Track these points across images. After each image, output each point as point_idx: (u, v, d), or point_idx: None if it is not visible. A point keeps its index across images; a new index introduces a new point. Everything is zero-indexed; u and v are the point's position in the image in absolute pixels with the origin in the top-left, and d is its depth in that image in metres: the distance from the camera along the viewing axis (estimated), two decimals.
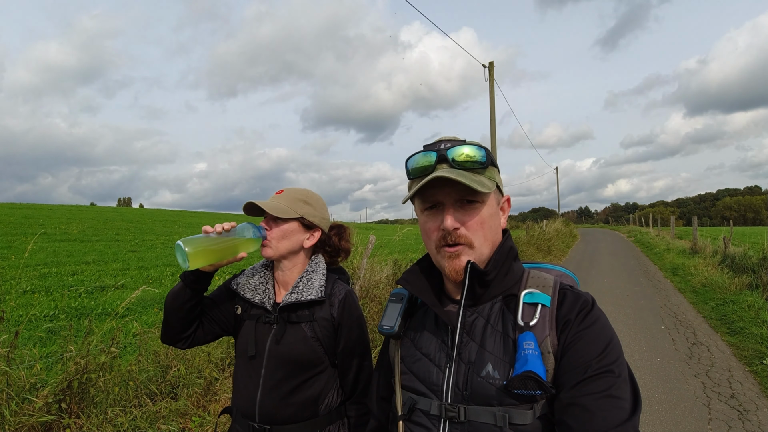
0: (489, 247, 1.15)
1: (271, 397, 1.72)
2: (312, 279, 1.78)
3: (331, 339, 1.78)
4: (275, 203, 1.77)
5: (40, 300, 8.35)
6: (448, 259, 1.13)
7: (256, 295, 1.79)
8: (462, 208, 1.13)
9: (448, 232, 1.12)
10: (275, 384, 1.72)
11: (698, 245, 16.34)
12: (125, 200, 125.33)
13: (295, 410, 1.73)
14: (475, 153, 1.12)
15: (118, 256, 15.21)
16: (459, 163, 1.12)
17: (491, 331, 1.11)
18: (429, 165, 1.14)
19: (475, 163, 1.12)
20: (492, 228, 1.16)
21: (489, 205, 1.15)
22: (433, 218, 1.16)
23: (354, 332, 1.80)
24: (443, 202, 1.14)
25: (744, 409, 4.48)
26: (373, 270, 7.82)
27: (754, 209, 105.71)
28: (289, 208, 1.77)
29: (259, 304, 1.78)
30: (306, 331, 1.74)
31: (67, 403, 3.47)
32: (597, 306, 1.10)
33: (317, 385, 1.75)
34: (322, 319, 1.76)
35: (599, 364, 0.99)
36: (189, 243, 1.54)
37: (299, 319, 1.75)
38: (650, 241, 23.87)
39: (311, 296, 1.74)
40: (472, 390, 1.07)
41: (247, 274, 1.87)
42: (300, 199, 1.82)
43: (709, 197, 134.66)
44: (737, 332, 6.96)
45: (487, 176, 1.14)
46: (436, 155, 1.13)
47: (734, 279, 10.00)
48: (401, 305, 1.29)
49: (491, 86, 18.17)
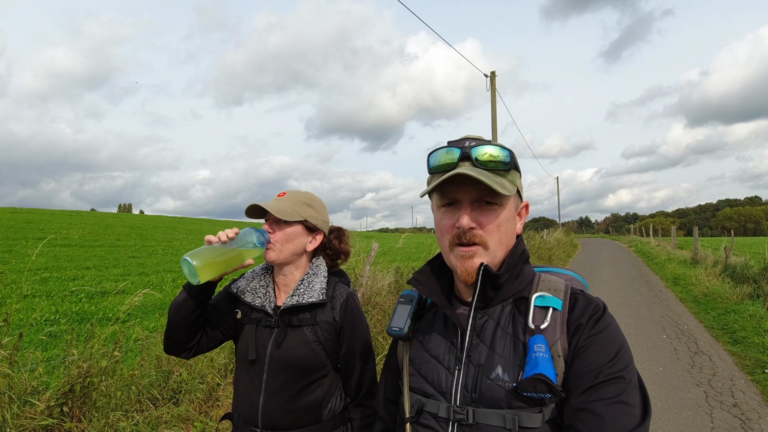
0: (503, 251, 1.14)
1: (273, 403, 1.70)
2: (313, 282, 1.77)
3: (334, 342, 1.76)
4: (279, 206, 1.75)
5: (41, 304, 8.34)
6: (461, 260, 1.12)
7: (256, 299, 1.77)
8: (480, 209, 1.12)
9: (463, 231, 1.10)
10: (277, 389, 1.70)
11: (699, 255, 16.31)
12: (126, 206, 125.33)
13: (298, 415, 1.70)
14: (499, 153, 1.11)
15: (118, 261, 15.20)
16: (482, 163, 1.10)
17: (501, 334, 1.11)
18: (452, 162, 1.12)
19: (498, 163, 1.11)
20: (508, 232, 1.15)
21: (507, 208, 1.14)
22: (449, 216, 1.14)
23: (357, 335, 1.78)
24: (461, 200, 1.12)
25: (746, 417, 4.46)
26: (375, 278, 7.81)
27: (755, 220, 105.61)
28: (293, 210, 1.75)
29: (260, 308, 1.76)
30: (308, 334, 1.72)
31: (69, 407, 3.46)
32: (608, 311, 1.10)
33: (320, 390, 1.73)
34: (324, 322, 1.74)
35: (610, 370, 1.00)
36: (196, 256, 1.52)
37: (301, 323, 1.73)
38: (651, 251, 23.82)
39: (312, 299, 1.72)
40: (481, 392, 1.07)
41: (247, 278, 1.85)
42: (303, 201, 1.80)
43: (710, 208, 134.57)
44: (739, 342, 6.94)
45: (509, 179, 1.13)
46: (459, 152, 1.12)
47: (735, 289, 9.97)
48: (411, 307, 1.28)
49: (493, 95, 18.24)
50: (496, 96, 18.25)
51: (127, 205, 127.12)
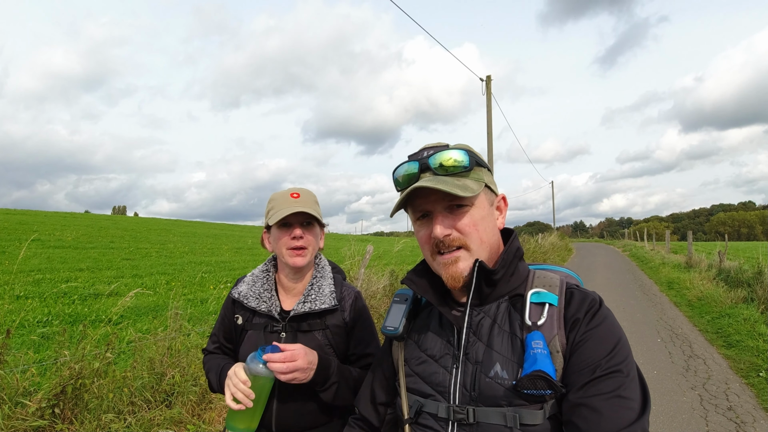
0: (486, 248, 1.14)
1: (287, 408, 1.68)
2: (322, 285, 1.75)
3: (344, 344, 1.76)
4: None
5: (34, 306, 8.27)
6: (444, 267, 1.12)
7: (261, 304, 1.74)
8: (452, 213, 1.12)
9: (439, 240, 1.11)
10: (290, 394, 1.68)
11: (693, 259, 16.40)
12: (120, 209, 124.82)
13: (312, 418, 1.70)
14: (457, 156, 1.12)
15: (112, 263, 15.12)
16: (444, 169, 1.11)
17: (498, 331, 1.10)
18: (413, 175, 1.13)
19: (458, 167, 1.11)
20: (487, 229, 1.14)
21: (479, 206, 1.14)
22: (425, 227, 1.15)
23: (366, 330, 1.79)
24: (432, 210, 1.13)
25: (741, 421, 4.46)
26: (370, 280, 7.80)
27: (749, 224, 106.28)
28: (316, 211, 1.73)
29: (266, 313, 1.73)
30: (319, 338, 1.71)
31: (60, 409, 3.42)
32: (605, 305, 1.09)
33: (331, 391, 1.72)
34: (334, 326, 1.73)
35: (608, 364, 0.99)
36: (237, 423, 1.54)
37: (311, 328, 1.71)
38: (645, 256, 23.91)
39: (325, 305, 1.71)
40: (481, 391, 1.06)
41: (248, 282, 1.81)
42: (315, 200, 1.79)
43: (704, 212, 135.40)
44: (733, 345, 6.96)
45: (473, 178, 1.13)
46: (418, 165, 1.13)
47: (730, 293, 10.00)
48: (405, 306, 1.27)
49: (488, 99, 18.28)
50: (491, 100, 18.31)
51: (122, 208, 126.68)
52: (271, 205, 1.75)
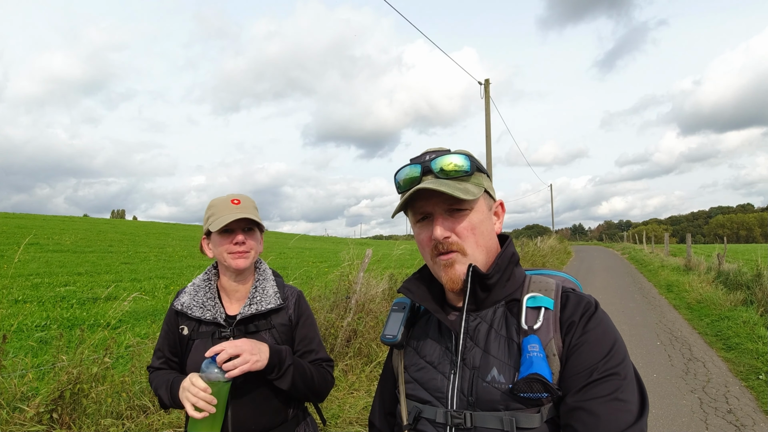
0: (483, 252, 1.15)
1: (244, 411, 1.70)
2: (266, 287, 1.80)
3: (290, 342, 1.81)
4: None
5: (32, 310, 8.26)
6: (444, 268, 1.14)
7: (206, 312, 1.75)
8: (451, 216, 1.14)
9: (438, 242, 1.13)
10: (245, 396, 1.70)
11: (692, 262, 16.39)
12: (119, 212, 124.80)
13: (269, 419, 1.73)
14: (459, 161, 1.13)
15: (110, 267, 15.11)
16: (445, 173, 1.13)
17: (495, 336, 1.11)
18: (415, 177, 1.15)
19: (460, 171, 1.13)
20: (484, 233, 1.16)
21: (478, 211, 1.15)
22: (425, 229, 1.17)
23: (310, 327, 1.86)
24: (433, 212, 1.15)
25: (741, 424, 4.46)
26: (369, 284, 7.79)
27: (747, 227, 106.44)
28: (257, 217, 1.78)
29: (212, 321, 1.74)
30: (267, 339, 1.74)
31: (58, 413, 3.41)
32: (600, 308, 1.10)
33: (284, 390, 1.74)
34: (280, 325, 1.78)
35: (605, 367, 0.99)
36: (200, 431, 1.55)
37: (258, 329, 1.75)
38: (644, 258, 23.92)
39: (271, 305, 1.76)
40: (478, 396, 1.06)
41: (189, 292, 1.82)
42: (255, 206, 1.84)
43: (703, 215, 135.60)
44: (733, 348, 6.96)
45: (474, 183, 1.15)
46: (420, 168, 1.15)
47: (729, 295, 10.01)
48: (403, 314, 1.28)
49: (487, 103, 18.32)
50: (490, 104, 18.34)
51: (120, 211, 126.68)
52: (212, 212, 1.76)
